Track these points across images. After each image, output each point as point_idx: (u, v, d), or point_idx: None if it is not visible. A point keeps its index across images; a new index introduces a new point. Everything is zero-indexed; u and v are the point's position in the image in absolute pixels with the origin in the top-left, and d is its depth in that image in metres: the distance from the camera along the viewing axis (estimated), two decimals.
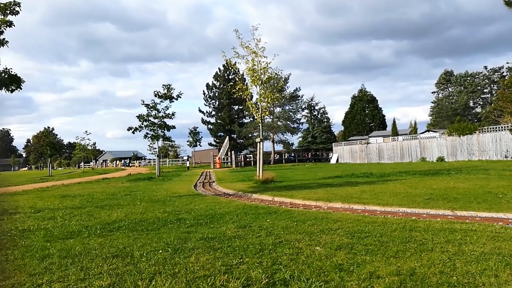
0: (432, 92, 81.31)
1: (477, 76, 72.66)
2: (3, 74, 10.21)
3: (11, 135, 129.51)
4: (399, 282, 3.61)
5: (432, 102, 78.51)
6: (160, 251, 5.07)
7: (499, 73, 68.52)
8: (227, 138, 53.91)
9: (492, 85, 70.96)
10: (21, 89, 10.43)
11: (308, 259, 4.45)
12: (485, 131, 32.79)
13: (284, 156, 58.81)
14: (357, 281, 3.66)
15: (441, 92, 79.77)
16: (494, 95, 62.31)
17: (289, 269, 4.08)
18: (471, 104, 73.46)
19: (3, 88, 10.25)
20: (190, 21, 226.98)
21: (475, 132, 33.13)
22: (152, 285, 3.71)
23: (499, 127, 32.42)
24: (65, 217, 8.77)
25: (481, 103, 73.03)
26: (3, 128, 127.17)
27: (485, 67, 70.99)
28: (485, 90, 72.91)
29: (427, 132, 46.32)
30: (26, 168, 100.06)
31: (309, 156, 60.09)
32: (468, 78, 73.23)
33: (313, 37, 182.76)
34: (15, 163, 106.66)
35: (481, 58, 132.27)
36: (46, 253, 5.20)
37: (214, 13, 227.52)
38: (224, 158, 49.11)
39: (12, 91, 10.34)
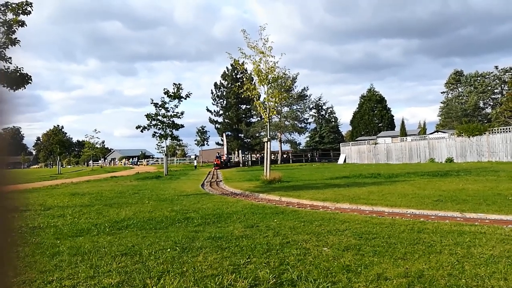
0: (442, 92, 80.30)
1: (487, 76, 71.60)
2: (13, 74, 10.36)
3: (21, 133, 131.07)
4: (407, 284, 3.59)
5: (441, 102, 77.58)
6: (168, 249, 5.11)
7: (510, 73, 67.47)
8: (224, 136, 53.35)
9: (503, 86, 69.80)
10: (28, 85, 10.57)
11: (315, 259, 4.46)
12: (495, 132, 32.36)
13: (291, 155, 58.61)
14: (364, 283, 3.65)
15: (451, 92, 78.77)
16: (505, 95, 61.40)
17: (297, 269, 4.08)
18: (481, 105, 72.42)
19: (14, 87, 10.41)
20: (198, 20, 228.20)
21: (485, 133, 32.71)
22: (161, 284, 3.74)
23: (509, 128, 31.97)
24: (75, 215, 8.88)
25: (492, 103, 71.95)
26: (13, 126, 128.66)
27: (496, 67, 69.90)
28: (495, 91, 71.73)
29: (436, 133, 45.84)
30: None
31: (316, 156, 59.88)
32: (479, 78, 72.20)
33: (321, 36, 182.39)
34: (25, 160, 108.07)
35: (492, 58, 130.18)
36: (56, 250, 5.27)
37: (222, 11, 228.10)
38: (227, 157, 46.99)
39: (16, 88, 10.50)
